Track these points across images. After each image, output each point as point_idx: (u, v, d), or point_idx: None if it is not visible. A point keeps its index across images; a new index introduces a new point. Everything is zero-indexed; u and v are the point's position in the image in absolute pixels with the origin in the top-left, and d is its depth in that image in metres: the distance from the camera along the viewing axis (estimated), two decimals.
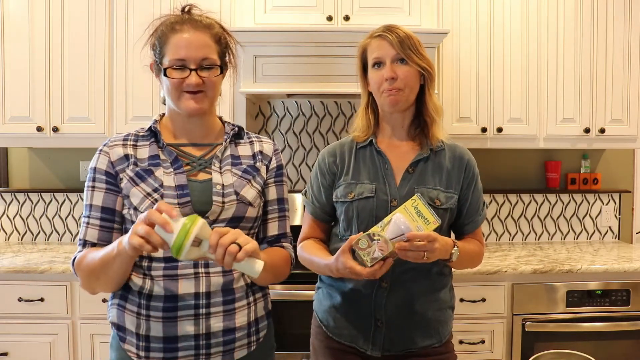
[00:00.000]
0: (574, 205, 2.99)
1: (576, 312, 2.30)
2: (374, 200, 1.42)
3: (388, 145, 1.49)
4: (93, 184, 1.25)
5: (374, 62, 1.43)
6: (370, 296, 1.43)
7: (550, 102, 2.60)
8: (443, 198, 1.42)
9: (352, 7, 2.45)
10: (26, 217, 2.88)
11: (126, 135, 1.30)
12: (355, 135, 1.52)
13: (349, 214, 1.44)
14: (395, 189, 1.43)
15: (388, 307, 1.42)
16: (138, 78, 2.49)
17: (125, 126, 2.48)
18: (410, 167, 1.44)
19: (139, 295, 1.22)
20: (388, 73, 1.39)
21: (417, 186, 1.42)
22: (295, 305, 2.21)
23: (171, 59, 1.22)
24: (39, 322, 2.25)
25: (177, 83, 1.22)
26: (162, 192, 1.21)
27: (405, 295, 1.42)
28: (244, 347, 1.28)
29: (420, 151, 1.46)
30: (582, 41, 2.59)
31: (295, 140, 2.89)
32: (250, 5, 2.43)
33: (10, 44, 2.49)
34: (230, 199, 1.25)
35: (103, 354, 2.27)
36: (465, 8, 2.55)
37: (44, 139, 2.52)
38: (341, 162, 1.50)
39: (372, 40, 1.44)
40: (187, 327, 1.20)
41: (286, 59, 2.35)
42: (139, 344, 1.22)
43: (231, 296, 1.25)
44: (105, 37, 2.49)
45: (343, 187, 1.47)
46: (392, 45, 1.39)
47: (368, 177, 1.46)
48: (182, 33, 1.22)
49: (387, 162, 1.46)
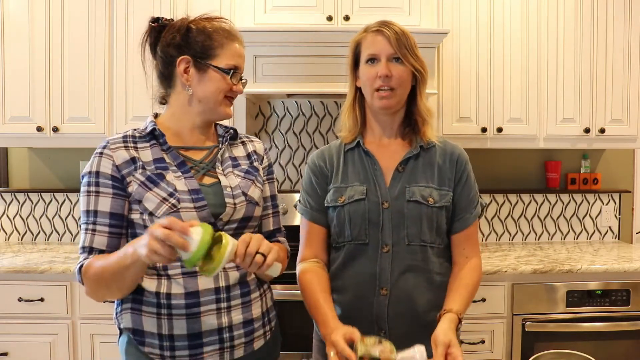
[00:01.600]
0: (574, 205, 2.99)
1: (576, 312, 2.29)
2: (365, 203, 1.38)
3: (377, 145, 1.44)
4: (97, 189, 1.22)
5: (368, 58, 1.38)
6: (372, 305, 1.37)
7: (550, 102, 2.60)
8: (436, 196, 1.38)
9: (352, 7, 2.44)
10: (26, 217, 2.88)
11: (124, 136, 1.28)
12: (343, 135, 1.47)
13: (340, 218, 1.39)
14: (385, 189, 1.39)
15: (390, 314, 1.37)
16: (138, 78, 2.49)
17: (125, 126, 2.48)
18: (400, 166, 1.41)
19: (157, 295, 1.21)
20: (383, 70, 1.34)
21: (409, 185, 1.38)
22: (295, 305, 2.20)
23: (230, 63, 1.27)
24: (39, 322, 2.24)
25: (227, 88, 1.27)
26: (177, 196, 1.21)
27: (407, 302, 1.37)
28: (261, 337, 1.32)
29: (410, 149, 1.42)
30: (582, 41, 2.59)
31: (295, 140, 2.89)
32: (250, 5, 2.43)
33: (10, 44, 2.49)
34: (240, 200, 1.28)
35: (103, 354, 2.27)
36: (465, 8, 2.55)
37: (44, 139, 2.52)
38: (330, 165, 1.46)
39: (368, 35, 1.39)
40: (210, 321, 1.22)
41: (286, 59, 2.35)
42: (163, 344, 1.22)
43: (247, 288, 1.29)
44: (105, 37, 2.49)
45: (333, 191, 1.42)
46: (390, 42, 1.35)
47: (358, 179, 1.41)
48: (239, 44, 1.30)
49: (376, 163, 1.42)
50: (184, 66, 1.26)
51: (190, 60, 1.26)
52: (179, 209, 1.20)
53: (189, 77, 1.26)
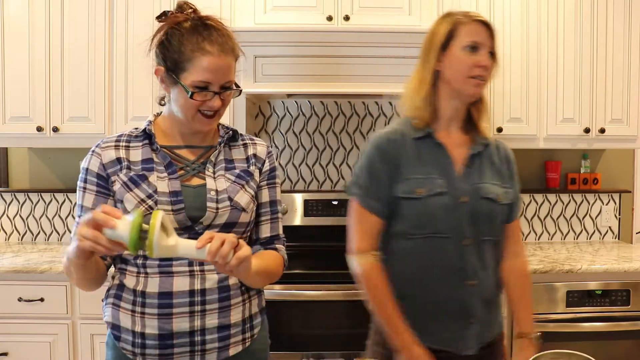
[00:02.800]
0: (574, 205, 2.99)
1: (576, 312, 2.30)
2: (446, 197, 1.35)
3: (445, 137, 1.42)
4: (84, 185, 1.26)
5: (469, 45, 1.35)
6: (460, 295, 1.40)
7: (550, 102, 2.60)
8: (502, 193, 1.41)
9: (352, 7, 2.44)
10: (26, 217, 2.88)
11: (119, 135, 1.29)
12: (415, 122, 1.40)
13: (418, 210, 1.36)
14: (462, 184, 1.38)
15: (476, 304, 1.40)
16: (138, 78, 2.49)
17: (125, 126, 2.48)
18: (468, 162, 1.41)
19: (134, 293, 1.22)
20: (487, 61, 1.35)
21: (479, 181, 1.39)
22: (295, 305, 2.21)
23: (195, 79, 1.18)
24: (39, 322, 2.24)
25: (198, 104, 1.21)
26: (156, 198, 1.20)
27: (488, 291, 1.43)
28: (239, 344, 1.29)
29: (473, 145, 1.42)
30: (582, 41, 2.59)
31: (295, 140, 2.89)
32: (250, 5, 2.43)
33: (11, 44, 2.49)
34: (224, 205, 1.25)
35: (103, 354, 2.26)
36: (465, 8, 2.54)
37: (44, 139, 2.52)
38: (402, 153, 1.39)
39: (471, 22, 1.36)
40: (182, 323, 1.21)
41: (286, 59, 2.36)
42: (135, 341, 1.22)
43: (226, 293, 1.25)
44: (105, 37, 2.49)
45: (409, 182, 1.37)
46: (490, 36, 1.36)
47: (434, 171, 1.38)
48: (211, 56, 1.18)
49: (449, 157, 1.39)
50: (160, 76, 1.25)
51: (163, 71, 1.23)
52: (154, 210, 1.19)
53: (166, 86, 1.25)
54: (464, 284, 1.38)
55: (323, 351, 2.24)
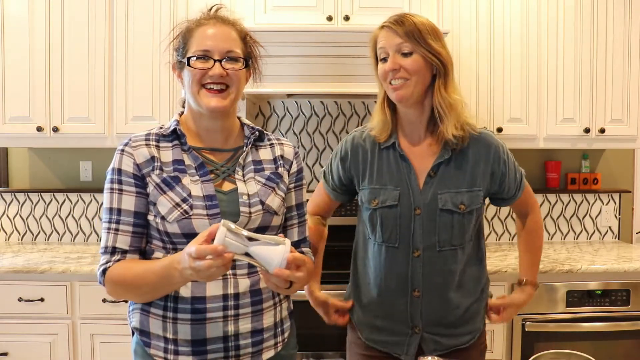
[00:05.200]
0: (574, 205, 2.99)
1: (576, 312, 2.29)
2: (397, 209, 1.39)
3: (409, 145, 1.43)
4: (120, 187, 1.19)
5: (379, 55, 1.38)
6: (406, 304, 1.42)
7: (550, 102, 2.60)
8: (467, 200, 1.38)
9: (352, 7, 2.44)
10: (26, 217, 2.88)
11: (147, 134, 1.25)
12: (374, 135, 1.44)
13: (373, 220, 1.42)
14: (418, 195, 1.39)
15: (424, 314, 1.42)
16: (138, 78, 2.49)
17: (125, 126, 2.48)
18: (432, 171, 1.40)
19: (165, 298, 1.19)
20: (389, 65, 1.34)
21: (440, 191, 1.38)
22: (294, 305, 2.20)
23: (195, 50, 1.18)
24: (39, 322, 2.24)
25: (199, 75, 1.18)
26: (191, 202, 1.17)
27: (439, 302, 1.43)
28: (271, 348, 1.27)
29: (440, 152, 1.40)
30: (582, 41, 2.59)
31: (295, 140, 2.89)
32: (250, 5, 2.43)
33: (11, 44, 2.49)
34: (257, 209, 1.22)
35: (103, 354, 2.26)
36: (465, 8, 2.55)
37: (44, 139, 2.52)
38: (366, 160, 1.45)
39: (379, 32, 1.39)
40: (215, 329, 1.18)
41: (286, 59, 2.35)
42: (167, 347, 1.19)
43: (259, 297, 1.23)
44: (105, 37, 2.49)
45: (367, 191, 1.43)
46: (397, 35, 1.33)
47: (392, 182, 1.41)
48: (208, 26, 1.21)
49: (411, 167, 1.40)
50: (176, 72, 1.26)
51: (175, 62, 1.25)
52: (190, 215, 1.16)
53: (179, 76, 1.25)
54: (409, 294, 1.41)
55: (323, 351, 2.24)
